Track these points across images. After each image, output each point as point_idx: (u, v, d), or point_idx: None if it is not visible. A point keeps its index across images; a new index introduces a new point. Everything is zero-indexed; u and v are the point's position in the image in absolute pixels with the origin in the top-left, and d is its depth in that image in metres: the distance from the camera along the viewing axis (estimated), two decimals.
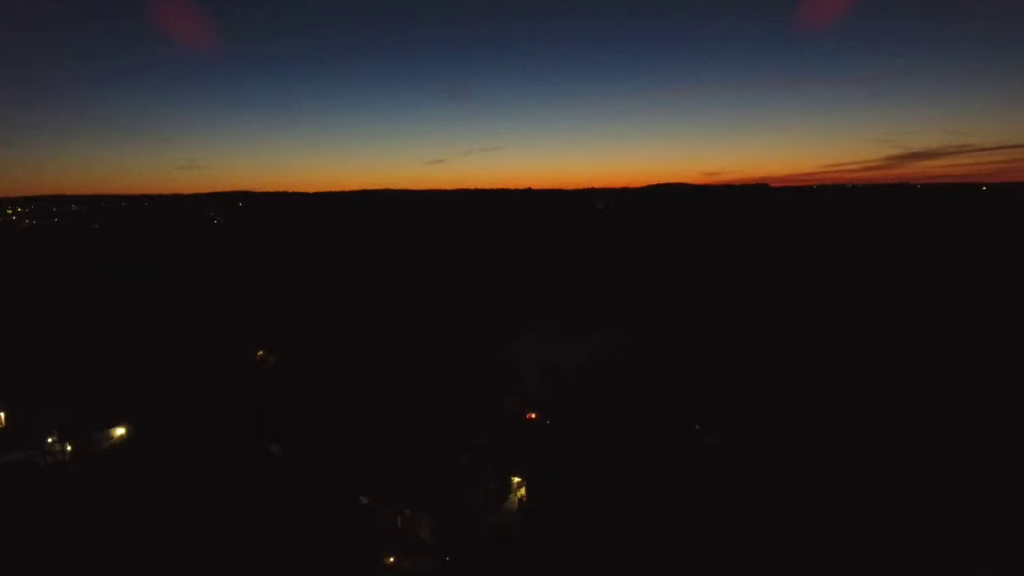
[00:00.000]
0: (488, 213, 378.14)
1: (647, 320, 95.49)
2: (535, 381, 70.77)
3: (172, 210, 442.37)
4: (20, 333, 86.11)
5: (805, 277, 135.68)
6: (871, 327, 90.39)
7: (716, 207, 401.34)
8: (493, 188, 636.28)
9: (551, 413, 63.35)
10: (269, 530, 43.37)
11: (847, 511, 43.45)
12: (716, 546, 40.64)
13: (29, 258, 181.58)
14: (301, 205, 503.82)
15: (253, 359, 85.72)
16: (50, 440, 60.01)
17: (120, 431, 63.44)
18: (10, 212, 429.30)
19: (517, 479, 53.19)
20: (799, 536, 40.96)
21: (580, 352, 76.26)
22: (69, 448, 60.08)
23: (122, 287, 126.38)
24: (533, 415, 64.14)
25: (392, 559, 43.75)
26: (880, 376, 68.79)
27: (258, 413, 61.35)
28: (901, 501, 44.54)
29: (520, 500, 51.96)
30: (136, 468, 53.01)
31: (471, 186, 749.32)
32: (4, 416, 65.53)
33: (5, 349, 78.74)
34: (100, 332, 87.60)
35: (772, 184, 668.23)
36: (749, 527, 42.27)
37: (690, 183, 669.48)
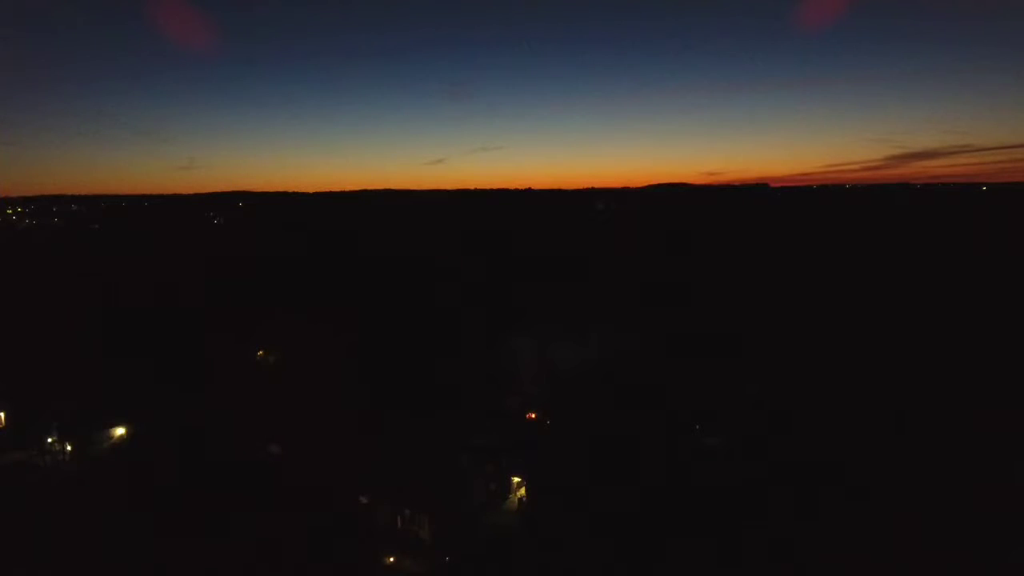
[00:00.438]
0: (488, 213, 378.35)
1: (647, 320, 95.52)
2: (535, 381, 70.73)
3: (172, 210, 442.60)
4: (20, 333, 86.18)
5: (805, 277, 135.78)
6: (871, 327, 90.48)
7: (716, 207, 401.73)
8: (493, 188, 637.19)
9: (551, 413, 63.34)
10: (269, 530, 43.39)
11: (847, 511, 43.48)
12: (716, 546, 40.66)
13: (29, 258, 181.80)
14: (301, 205, 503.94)
15: (253, 359, 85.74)
16: (50, 440, 60.02)
17: (120, 431, 63.44)
18: (10, 212, 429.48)
19: (517, 479, 53.16)
20: (799, 535, 40.99)
21: (580, 352, 76.22)
22: (69, 448, 60.07)
23: (122, 287, 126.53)
24: (533, 415, 64.11)
25: (392, 559, 43.74)
26: (880, 376, 68.85)
27: (258, 413, 61.37)
28: (901, 501, 44.58)
29: (520, 500, 51.95)
30: (136, 468, 53.06)
31: (471, 186, 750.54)
32: (4, 416, 65.58)
33: (5, 349, 78.80)
34: (100, 332, 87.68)
35: (772, 184, 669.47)
36: (749, 527, 42.30)
37: (690, 183, 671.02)
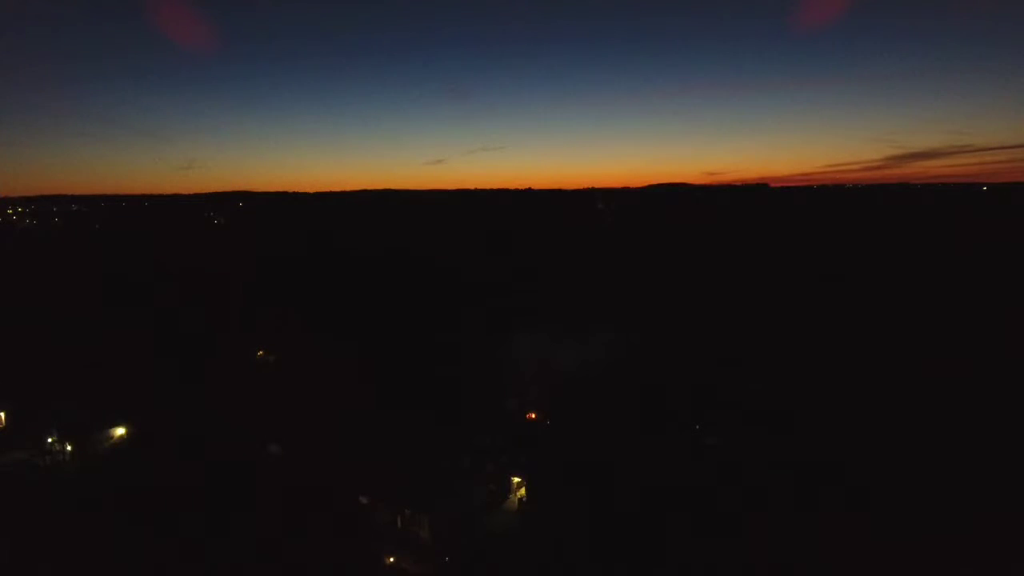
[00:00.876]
0: (488, 213, 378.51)
1: (647, 320, 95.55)
2: (535, 381, 70.69)
3: (172, 210, 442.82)
4: (20, 333, 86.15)
5: (805, 277, 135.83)
6: (871, 327, 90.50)
7: (716, 207, 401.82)
8: (494, 188, 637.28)
9: (551, 413, 63.34)
10: (269, 530, 43.39)
11: (847, 511, 43.47)
12: (716, 546, 40.66)
13: (29, 258, 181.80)
14: (301, 205, 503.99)
15: (253, 359, 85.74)
16: (50, 440, 59.99)
17: (120, 431, 63.44)
18: (10, 212, 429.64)
19: (517, 479, 53.15)
20: (799, 535, 40.98)
21: (580, 352, 76.22)
22: (69, 448, 60.05)
23: (122, 287, 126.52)
24: (533, 415, 64.09)
25: (392, 559, 43.73)
26: (880, 375, 68.86)
27: (258, 413, 61.37)
28: (901, 500, 44.56)
29: (520, 500, 51.93)
30: (136, 468, 53.05)
31: (472, 186, 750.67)
32: (4, 416, 65.57)
33: (5, 349, 78.78)
34: (100, 332, 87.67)
35: (772, 184, 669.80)
36: (749, 527, 42.28)
37: (690, 183, 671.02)
